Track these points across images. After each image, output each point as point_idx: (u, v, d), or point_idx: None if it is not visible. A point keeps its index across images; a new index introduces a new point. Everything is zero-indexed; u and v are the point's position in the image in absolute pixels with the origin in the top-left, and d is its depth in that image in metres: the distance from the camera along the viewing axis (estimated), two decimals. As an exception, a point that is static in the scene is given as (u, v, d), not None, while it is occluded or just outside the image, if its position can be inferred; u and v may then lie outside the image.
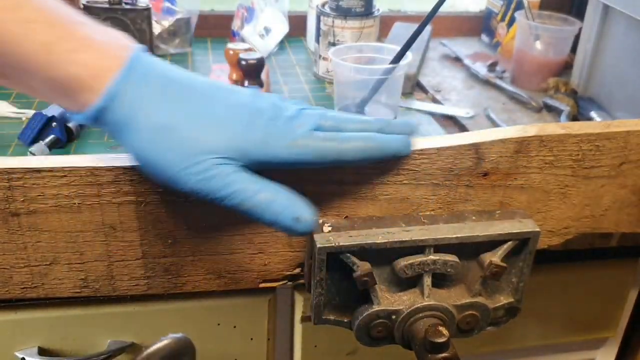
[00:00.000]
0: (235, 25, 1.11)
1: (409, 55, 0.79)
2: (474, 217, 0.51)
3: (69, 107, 0.40)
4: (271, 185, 0.41)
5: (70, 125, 0.79)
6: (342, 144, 0.42)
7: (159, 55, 0.90)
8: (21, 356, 0.57)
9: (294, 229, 0.41)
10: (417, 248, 0.48)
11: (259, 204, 0.40)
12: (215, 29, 1.16)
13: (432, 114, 0.91)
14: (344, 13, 0.96)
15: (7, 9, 0.36)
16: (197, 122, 0.39)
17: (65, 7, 0.39)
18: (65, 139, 0.78)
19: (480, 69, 1.05)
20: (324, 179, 0.48)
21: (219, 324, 0.62)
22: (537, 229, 0.50)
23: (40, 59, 0.37)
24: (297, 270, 0.53)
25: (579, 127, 0.51)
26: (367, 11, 0.97)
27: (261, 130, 0.40)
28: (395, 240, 0.47)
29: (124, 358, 0.60)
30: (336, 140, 0.42)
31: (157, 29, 1.05)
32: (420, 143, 0.48)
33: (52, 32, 0.37)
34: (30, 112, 0.82)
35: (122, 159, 0.45)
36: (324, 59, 1.00)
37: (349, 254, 0.47)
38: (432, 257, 0.48)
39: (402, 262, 0.48)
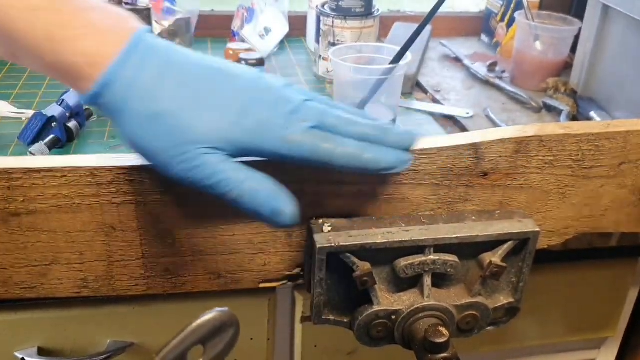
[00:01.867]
0: (235, 25, 1.11)
1: (408, 56, 0.79)
2: (473, 217, 0.51)
3: (73, 89, 0.41)
4: (257, 175, 0.40)
5: (70, 125, 0.79)
6: (337, 149, 0.41)
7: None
8: (21, 356, 0.57)
9: (274, 221, 0.41)
10: (417, 248, 0.48)
11: (243, 194, 0.40)
12: (216, 29, 1.16)
13: (432, 114, 0.91)
14: (344, 13, 0.96)
15: None
16: (187, 111, 0.39)
17: None
18: (65, 139, 0.78)
19: (480, 69, 1.05)
20: (324, 179, 0.48)
21: (218, 324, 0.62)
22: (537, 229, 0.50)
23: (43, 46, 0.38)
24: (297, 270, 0.53)
25: (579, 127, 0.51)
26: (367, 11, 0.97)
27: (256, 119, 0.40)
28: (395, 240, 0.47)
29: (124, 358, 0.60)
30: (333, 143, 0.41)
31: (157, 29, 1.05)
32: (420, 143, 0.48)
33: (56, 18, 0.37)
34: (30, 112, 0.82)
35: (122, 159, 0.45)
36: (324, 59, 1.00)
37: (349, 254, 0.47)
38: (432, 257, 0.48)
39: (402, 262, 0.48)
